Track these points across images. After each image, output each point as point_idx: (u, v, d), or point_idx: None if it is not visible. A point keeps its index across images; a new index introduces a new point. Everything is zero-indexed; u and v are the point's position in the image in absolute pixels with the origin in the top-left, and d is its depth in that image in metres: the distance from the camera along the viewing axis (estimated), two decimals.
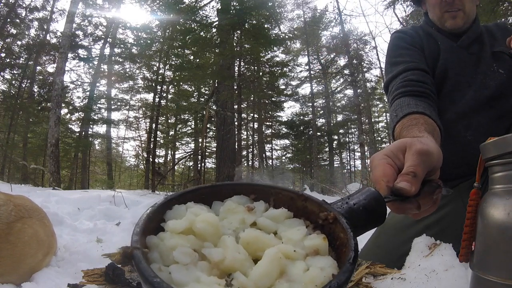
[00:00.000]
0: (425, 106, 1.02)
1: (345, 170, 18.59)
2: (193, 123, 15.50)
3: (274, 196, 0.50)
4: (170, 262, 0.37)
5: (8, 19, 11.57)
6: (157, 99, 12.96)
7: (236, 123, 10.31)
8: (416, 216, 0.60)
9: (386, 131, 16.69)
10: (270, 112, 16.81)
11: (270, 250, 0.38)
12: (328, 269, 0.37)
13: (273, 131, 17.64)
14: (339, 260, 0.40)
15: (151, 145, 11.69)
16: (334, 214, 0.44)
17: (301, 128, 16.79)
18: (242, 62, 11.18)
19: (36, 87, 13.54)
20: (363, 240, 1.88)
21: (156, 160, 12.58)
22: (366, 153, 13.06)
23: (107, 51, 13.58)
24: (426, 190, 0.56)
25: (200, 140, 13.62)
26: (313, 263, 0.39)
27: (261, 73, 12.52)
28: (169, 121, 15.40)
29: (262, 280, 0.36)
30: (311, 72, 17.00)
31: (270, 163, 17.66)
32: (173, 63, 11.88)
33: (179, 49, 10.68)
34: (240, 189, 0.50)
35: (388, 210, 0.54)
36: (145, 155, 12.74)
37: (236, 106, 10.86)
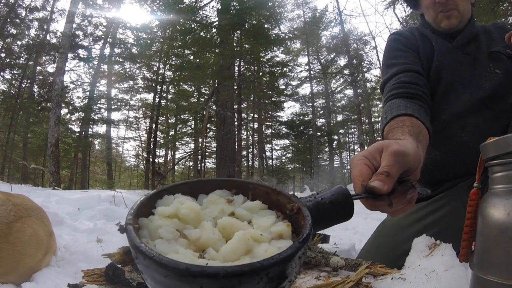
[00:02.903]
0: (415, 108, 1.03)
1: (345, 170, 18.59)
2: (193, 123, 15.51)
3: (253, 191, 0.56)
4: (156, 237, 0.45)
5: (8, 19, 11.56)
6: (157, 99, 12.97)
7: (236, 123, 10.32)
8: (392, 214, 0.63)
9: None
10: (270, 112, 16.82)
11: (240, 232, 0.45)
12: (284, 248, 0.43)
13: (273, 131, 17.65)
14: None
15: (151, 145, 11.70)
16: (298, 205, 0.51)
17: (301, 128, 16.79)
18: (242, 62, 11.19)
19: (36, 87, 13.56)
20: (363, 240, 1.88)
21: (156, 160, 12.60)
22: None
23: (107, 51, 13.60)
24: (400, 189, 0.59)
25: (200, 140, 13.63)
26: (274, 244, 0.46)
27: (261, 73, 12.53)
28: (169, 121, 15.41)
29: (229, 255, 0.43)
30: (311, 72, 17.02)
31: (270, 163, 17.66)
32: (173, 63, 11.89)
33: (179, 49, 10.69)
34: (223, 184, 0.57)
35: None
36: (145, 155, 12.75)
37: (236, 106, 10.88)
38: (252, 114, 16.44)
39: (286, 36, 12.85)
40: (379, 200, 0.57)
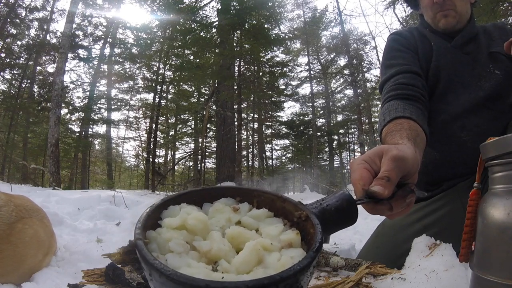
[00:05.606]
0: (413, 110, 1.03)
1: (345, 170, 18.58)
2: (193, 123, 15.49)
3: (257, 198, 0.56)
4: (166, 251, 0.45)
5: (8, 19, 11.55)
6: (157, 99, 12.96)
7: (236, 123, 10.32)
8: (390, 217, 0.64)
9: None
10: (270, 112, 16.80)
11: (250, 242, 0.45)
12: (297, 258, 0.43)
13: (273, 131, 17.63)
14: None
15: (151, 145, 11.69)
16: (306, 213, 0.51)
17: (301, 128, 16.78)
18: (242, 62, 11.16)
19: (36, 87, 13.53)
20: (363, 240, 1.88)
21: (156, 160, 12.59)
22: None
23: (107, 51, 13.57)
24: (399, 194, 0.60)
25: (200, 140, 13.62)
26: (286, 253, 0.46)
27: (261, 73, 12.51)
28: (169, 121, 15.39)
29: (242, 267, 0.42)
30: (311, 72, 17.00)
31: (270, 163, 17.64)
32: (173, 63, 11.88)
33: (179, 49, 10.68)
34: (228, 192, 0.57)
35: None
36: (145, 155, 12.74)
37: (236, 106, 10.86)
38: (252, 114, 16.42)
39: (286, 36, 12.84)
40: (380, 204, 0.58)
